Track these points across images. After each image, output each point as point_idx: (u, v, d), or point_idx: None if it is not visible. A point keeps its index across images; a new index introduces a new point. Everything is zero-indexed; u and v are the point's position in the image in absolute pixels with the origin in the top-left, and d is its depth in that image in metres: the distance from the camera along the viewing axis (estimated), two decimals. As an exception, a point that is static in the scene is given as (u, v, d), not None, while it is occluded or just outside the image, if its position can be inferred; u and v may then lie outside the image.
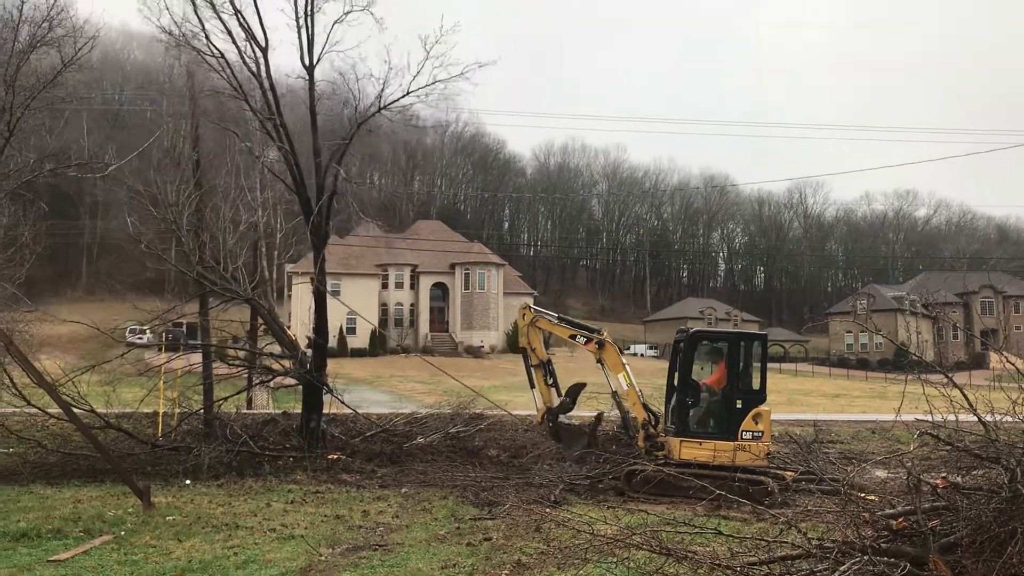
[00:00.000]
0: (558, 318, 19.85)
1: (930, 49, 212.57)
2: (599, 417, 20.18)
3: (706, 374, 17.08)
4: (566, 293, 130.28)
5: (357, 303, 65.60)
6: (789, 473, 16.81)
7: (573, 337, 19.18)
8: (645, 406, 17.57)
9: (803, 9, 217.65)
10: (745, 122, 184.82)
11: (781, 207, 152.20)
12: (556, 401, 19.72)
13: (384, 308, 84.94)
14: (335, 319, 67.88)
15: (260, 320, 24.12)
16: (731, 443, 16.05)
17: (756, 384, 16.77)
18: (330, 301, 22.48)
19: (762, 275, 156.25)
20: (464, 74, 20.71)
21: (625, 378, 17.84)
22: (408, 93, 20.83)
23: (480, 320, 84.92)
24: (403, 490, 16.37)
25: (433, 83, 20.66)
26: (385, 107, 21.10)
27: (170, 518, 13.09)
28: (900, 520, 8.37)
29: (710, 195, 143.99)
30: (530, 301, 20.45)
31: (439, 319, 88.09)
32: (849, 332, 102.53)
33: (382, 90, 21.00)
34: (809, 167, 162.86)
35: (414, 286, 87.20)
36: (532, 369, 19.88)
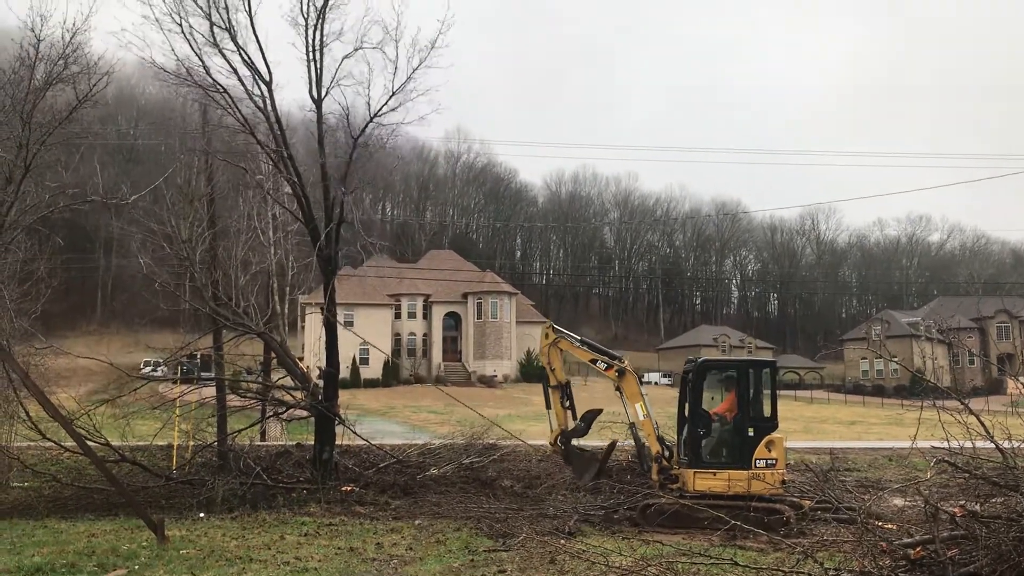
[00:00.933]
0: (580, 341, 19.72)
1: (943, 73, 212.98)
2: (612, 445, 20.08)
3: (717, 404, 17.02)
4: (579, 321, 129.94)
5: (370, 333, 65.66)
6: (806, 502, 16.70)
7: (594, 362, 19.01)
8: (659, 438, 17.46)
9: (814, 35, 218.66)
10: (756, 149, 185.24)
11: (794, 233, 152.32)
12: (571, 424, 19.64)
13: (397, 338, 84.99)
14: (348, 349, 68.19)
15: (273, 353, 24.22)
16: (745, 472, 15.96)
17: (767, 411, 16.68)
18: (343, 331, 22.53)
19: (776, 302, 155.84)
20: (435, 48, 20.32)
21: (642, 408, 17.76)
22: (393, 94, 20.70)
23: (493, 349, 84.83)
24: (417, 522, 16.30)
25: (412, 73, 20.47)
26: (376, 115, 21.07)
27: (184, 551, 13.06)
28: (918, 549, 8.30)
29: (722, 222, 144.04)
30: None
31: (452, 349, 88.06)
32: (864, 359, 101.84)
33: (368, 98, 20.97)
34: (821, 193, 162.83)
35: (427, 316, 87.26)
36: (550, 390, 19.82)
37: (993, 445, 9.03)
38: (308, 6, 20.27)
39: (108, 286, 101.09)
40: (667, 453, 17.25)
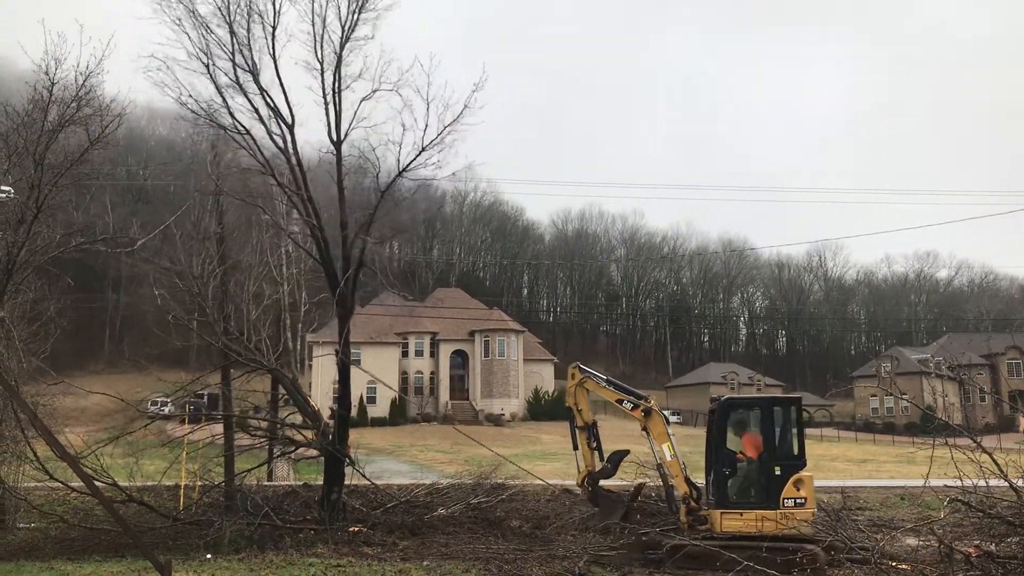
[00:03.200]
0: (606, 381, 19.70)
1: (948, 109, 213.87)
2: (639, 487, 19.94)
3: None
4: (587, 359, 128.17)
5: (377, 372, 65.45)
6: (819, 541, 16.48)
7: (620, 402, 18.96)
8: (687, 479, 17.27)
9: (819, 71, 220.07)
10: (762, 186, 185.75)
11: (801, 270, 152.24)
12: (598, 465, 19.55)
13: (404, 376, 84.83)
14: (356, 388, 68.10)
15: (281, 389, 24.16)
16: (773, 512, 15.65)
17: (795, 449, 16.32)
18: (353, 371, 22.48)
19: (784, 339, 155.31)
20: (467, 108, 20.44)
21: (669, 448, 17.63)
22: (423, 150, 20.79)
23: (500, 387, 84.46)
24: (425, 563, 16.15)
25: (443, 131, 20.58)
26: (404, 170, 21.17)
27: (191, 593, 12.96)
28: (933, 590, 8.19)
29: (729, 259, 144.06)
30: (565, 367, 20.64)
31: (459, 387, 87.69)
32: (874, 396, 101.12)
33: (399, 154, 21.06)
34: (828, 230, 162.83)
35: (434, 354, 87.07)
36: (577, 431, 19.78)
37: (1007, 483, 8.95)
38: (326, 48, 20.47)
39: (116, 325, 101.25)
40: (695, 494, 17.07)
